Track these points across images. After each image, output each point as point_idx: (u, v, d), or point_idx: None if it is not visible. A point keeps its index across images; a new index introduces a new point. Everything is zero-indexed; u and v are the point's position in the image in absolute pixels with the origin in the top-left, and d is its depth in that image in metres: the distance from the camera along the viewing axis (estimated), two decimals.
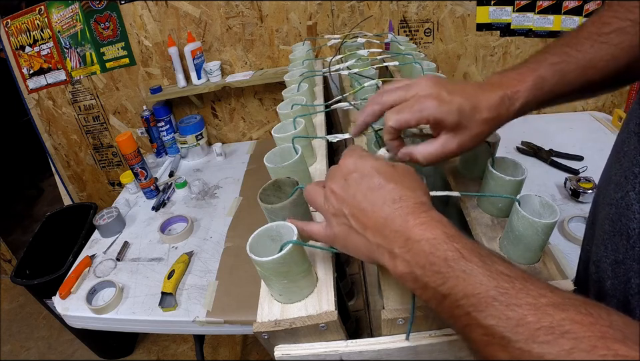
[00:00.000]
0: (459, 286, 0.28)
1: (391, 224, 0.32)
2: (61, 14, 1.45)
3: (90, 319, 0.99)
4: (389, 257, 0.32)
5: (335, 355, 0.42)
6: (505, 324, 0.25)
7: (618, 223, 0.39)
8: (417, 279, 0.30)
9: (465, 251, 0.29)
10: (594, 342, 0.22)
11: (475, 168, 0.57)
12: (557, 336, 0.23)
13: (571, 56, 0.42)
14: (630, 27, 0.41)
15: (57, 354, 1.78)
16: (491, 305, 0.26)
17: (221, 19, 1.43)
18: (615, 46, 0.41)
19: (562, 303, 0.25)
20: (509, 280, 0.26)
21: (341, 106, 0.69)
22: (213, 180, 1.44)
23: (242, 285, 0.98)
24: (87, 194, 1.88)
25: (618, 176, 0.40)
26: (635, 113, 0.39)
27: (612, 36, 0.41)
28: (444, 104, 0.40)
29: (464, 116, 0.40)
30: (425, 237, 0.30)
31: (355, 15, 1.40)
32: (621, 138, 0.42)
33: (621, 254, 0.38)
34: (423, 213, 0.32)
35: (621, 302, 0.38)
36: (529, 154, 1.28)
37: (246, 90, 1.57)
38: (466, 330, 0.28)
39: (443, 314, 0.30)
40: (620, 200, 0.39)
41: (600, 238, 0.42)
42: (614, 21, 0.42)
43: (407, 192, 0.33)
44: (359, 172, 0.35)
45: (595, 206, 0.48)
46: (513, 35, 1.39)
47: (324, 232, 0.39)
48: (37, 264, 1.48)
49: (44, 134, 1.70)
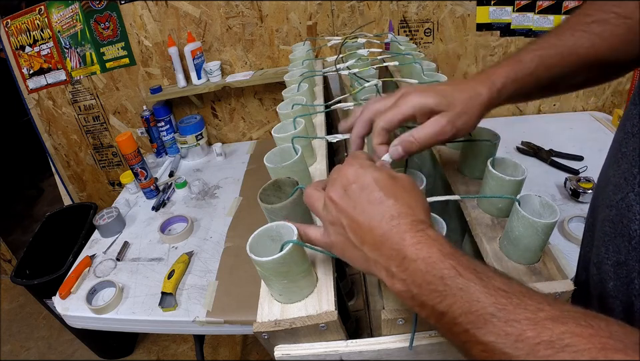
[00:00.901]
0: (456, 304, 0.28)
1: (388, 241, 0.32)
2: (61, 14, 1.45)
3: (90, 319, 0.99)
4: (386, 274, 0.32)
5: (335, 355, 0.42)
6: (504, 340, 0.25)
7: (619, 225, 0.39)
8: (414, 297, 0.30)
9: (461, 268, 0.29)
10: (594, 354, 0.22)
11: (475, 168, 0.57)
12: (557, 350, 0.23)
13: (551, 43, 0.44)
14: (614, 19, 0.42)
15: (57, 354, 1.78)
16: (490, 321, 0.26)
17: (220, 19, 1.43)
18: (595, 35, 0.43)
19: (561, 316, 0.24)
20: (507, 296, 0.26)
21: (341, 106, 0.69)
22: (213, 180, 1.44)
23: (242, 285, 0.98)
24: (87, 194, 1.88)
25: (617, 177, 0.40)
26: (631, 114, 0.39)
27: (593, 26, 0.43)
28: (426, 92, 0.43)
29: (447, 96, 0.42)
30: (421, 256, 0.30)
31: (355, 15, 1.40)
32: (618, 140, 0.42)
33: (622, 255, 0.38)
34: (420, 232, 0.31)
35: (624, 303, 0.38)
36: (529, 154, 1.28)
37: (246, 90, 1.57)
38: (466, 346, 0.28)
39: (442, 330, 0.30)
40: (620, 202, 0.38)
41: (600, 240, 0.42)
42: (597, 13, 0.43)
43: (406, 210, 0.33)
44: (359, 184, 0.35)
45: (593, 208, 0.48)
46: (513, 35, 1.39)
47: (322, 239, 0.39)
48: (37, 264, 1.48)
49: (44, 134, 1.70)
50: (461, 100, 0.42)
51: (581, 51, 0.43)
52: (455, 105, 0.42)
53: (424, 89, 0.44)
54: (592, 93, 1.49)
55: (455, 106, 0.42)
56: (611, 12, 0.43)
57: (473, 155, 0.56)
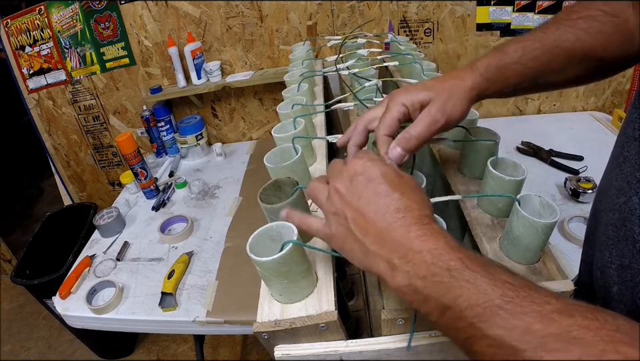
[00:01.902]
0: (462, 296, 0.27)
1: (393, 233, 0.32)
2: (61, 14, 1.45)
3: (90, 319, 0.99)
4: (386, 267, 0.32)
5: (335, 355, 0.42)
6: (511, 333, 0.24)
7: (622, 228, 0.39)
8: (416, 291, 0.29)
9: (467, 261, 0.28)
10: (603, 346, 0.22)
11: (475, 168, 0.57)
12: (566, 342, 0.23)
13: (536, 36, 0.46)
14: (601, 16, 0.43)
15: (56, 354, 1.78)
16: (497, 314, 0.25)
17: (221, 19, 1.43)
18: (581, 30, 0.43)
19: (567, 309, 0.24)
20: (514, 289, 0.26)
21: (341, 106, 0.69)
22: (213, 180, 1.44)
23: (242, 285, 0.98)
24: (87, 194, 1.88)
25: (619, 181, 0.40)
26: (632, 118, 0.39)
27: (579, 22, 0.44)
28: (411, 89, 0.45)
29: (432, 88, 0.44)
30: (427, 248, 0.30)
31: (355, 15, 1.40)
32: (620, 143, 0.42)
33: (627, 259, 0.38)
34: (426, 225, 0.31)
35: (629, 307, 0.38)
36: (529, 154, 1.28)
37: (246, 90, 1.57)
38: (469, 341, 0.27)
39: (443, 326, 0.29)
40: (623, 205, 0.38)
41: (604, 244, 0.42)
42: (583, 10, 0.44)
43: (412, 204, 0.33)
44: (366, 176, 0.35)
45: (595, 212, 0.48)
46: (513, 35, 1.39)
47: (322, 229, 0.38)
48: (37, 264, 1.48)
49: (44, 134, 1.70)
50: (446, 87, 0.44)
51: (565, 45, 0.44)
52: (440, 93, 0.44)
53: (409, 87, 0.46)
54: (592, 93, 1.48)
55: (440, 94, 0.44)
56: (598, 9, 0.43)
57: (473, 155, 0.56)
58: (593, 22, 0.43)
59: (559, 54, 0.44)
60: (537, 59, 0.45)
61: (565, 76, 0.46)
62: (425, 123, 0.43)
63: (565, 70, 0.46)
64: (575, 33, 0.43)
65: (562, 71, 0.46)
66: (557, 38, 0.44)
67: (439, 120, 0.43)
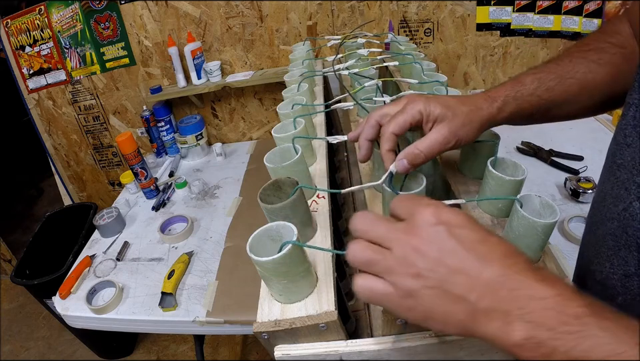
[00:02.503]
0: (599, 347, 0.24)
1: (508, 282, 0.27)
2: (61, 14, 1.45)
3: (90, 319, 0.99)
4: (502, 323, 0.27)
5: (335, 355, 0.42)
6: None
7: (623, 236, 0.38)
8: (540, 344, 0.25)
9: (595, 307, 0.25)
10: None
11: (475, 168, 0.57)
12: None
13: (550, 68, 0.47)
14: (609, 48, 0.46)
15: (56, 354, 1.78)
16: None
17: (220, 19, 1.43)
18: (592, 61, 0.46)
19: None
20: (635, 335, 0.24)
21: (341, 106, 0.69)
22: (213, 180, 1.44)
23: (242, 285, 0.98)
24: (87, 194, 1.88)
25: (616, 189, 0.39)
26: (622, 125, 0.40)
27: (590, 53, 0.46)
28: (431, 101, 0.45)
29: (451, 108, 0.44)
30: (550, 294, 0.26)
31: (355, 15, 1.40)
32: (611, 152, 0.42)
33: (631, 266, 0.38)
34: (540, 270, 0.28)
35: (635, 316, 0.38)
36: (528, 154, 1.28)
37: (246, 90, 1.57)
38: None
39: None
40: (622, 212, 0.38)
41: (604, 256, 0.42)
42: (593, 43, 0.48)
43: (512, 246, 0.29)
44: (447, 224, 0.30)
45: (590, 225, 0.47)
46: (513, 35, 1.39)
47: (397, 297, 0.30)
48: (37, 264, 1.48)
49: (44, 134, 1.70)
50: (464, 112, 0.44)
51: (578, 76, 0.46)
52: (457, 116, 0.44)
53: (429, 98, 0.45)
54: None
55: (457, 117, 0.44)
56: (606, 42, 0.46)
57: (473, 155, 0.56)
58: (603, 53, 0.45)
59: (572, 85, 0.46)
60: (552, 90, 0.46)
61: (577, 107, 0.48)
62: (436, 142, 0.43)
63: (577, 102, 0.47)
64: (587, 65, 0.45)
65: (574, 102, 0.47)
66: (571, 69, 0.46)
67: (450, 141, 0.44)
